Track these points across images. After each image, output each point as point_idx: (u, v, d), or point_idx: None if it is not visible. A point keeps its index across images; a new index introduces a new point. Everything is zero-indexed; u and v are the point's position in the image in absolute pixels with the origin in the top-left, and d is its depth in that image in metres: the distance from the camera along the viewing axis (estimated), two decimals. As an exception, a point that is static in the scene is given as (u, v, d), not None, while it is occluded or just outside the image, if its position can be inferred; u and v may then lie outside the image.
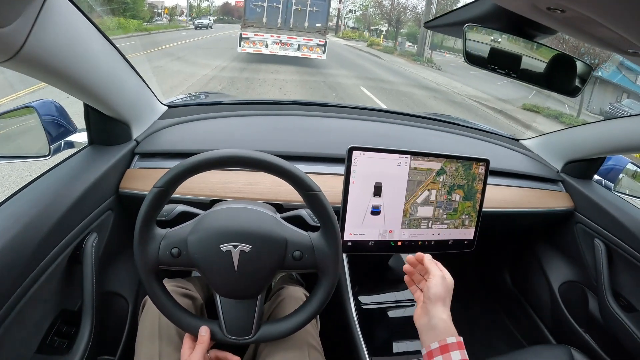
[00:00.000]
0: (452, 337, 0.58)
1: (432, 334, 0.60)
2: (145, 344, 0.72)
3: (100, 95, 0.81)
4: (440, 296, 0.62)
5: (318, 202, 0.64)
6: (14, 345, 0.65)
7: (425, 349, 0.60)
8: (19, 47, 0.52)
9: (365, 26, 39.76)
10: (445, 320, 0.61)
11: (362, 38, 34.79)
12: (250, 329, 0.67)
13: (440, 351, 0.57)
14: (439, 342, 0.58)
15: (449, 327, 0.60)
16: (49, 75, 0.65)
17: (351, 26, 43.09)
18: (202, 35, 20.22)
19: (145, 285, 0.66)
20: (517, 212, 1.14)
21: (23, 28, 0.52)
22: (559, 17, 0.44)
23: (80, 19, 0.68)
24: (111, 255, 0.95)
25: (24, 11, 0.50)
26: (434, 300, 0.62)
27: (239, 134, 1.13)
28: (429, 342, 0.59)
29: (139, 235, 0.64)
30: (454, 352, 0.57)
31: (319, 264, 0.66)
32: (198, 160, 0.62)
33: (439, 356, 0.57)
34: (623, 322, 1.04)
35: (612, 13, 0.38)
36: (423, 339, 0.61)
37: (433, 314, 0.61)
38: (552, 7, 0.42)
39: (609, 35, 0.46)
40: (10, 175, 2.91)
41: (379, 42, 28.16)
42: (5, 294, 0.61)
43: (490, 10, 0.55)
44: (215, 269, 0.64)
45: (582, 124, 1.23)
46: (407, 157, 0.85)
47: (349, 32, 39.19)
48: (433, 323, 0.60)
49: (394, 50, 23.78)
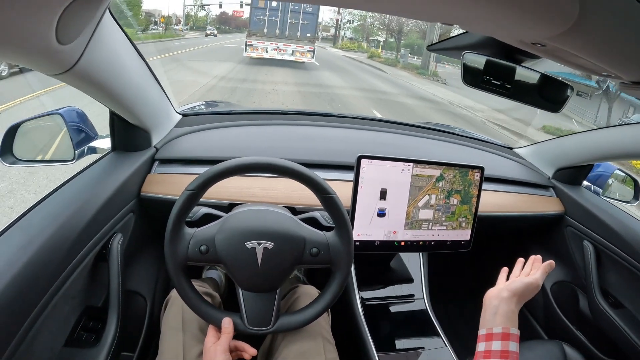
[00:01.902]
0: (515, 328, 0.62)
1: (498, 319, 0.63)
2: (169, 336, 0.77)
3: (130, 104, 0.86)
4: (523, 295, 0.67)
5: (334, 204, 0.71)
6: (47, 338, 0.69)
7: (486, 329, 0.63)
8: (74, 62, 0.58)
9: (363, 37, 39.03)
10: (515, 312, 0.64)
11: (361, 49, 33.99)
12: (270, 320, 0.73)
13: (502, 337, 0.61)
14: (502, 329, 0.62)
15: (515, 319, 0.64)
16: (93, 87, 0.70)
17: (349, 37, 42.66)
18: (197, 45, 19.86)
19: (174, 280, 0.71)
20: (510, 215, 1.20)
21: (80, 46, 0.57)
22: (542, 49, 0.52)
23: (121, 37, 0.73)
24: (131, 255, 0.99)
25: (83, 31, 0.56)
26: (516, 294, 0.66)
27: (252, 143, 1.19)
28: (492, 324, 0.63)
29: (171, 234, 0.69)
30: (513, 343, 0.61)
31: (334, 260, 0.73)
32: (227, 166, 0.68)
33: (498, 341, 0.61)
34: (611, 317, 1.10)
35: (582, 48, 0.46)
36: (486, 318, 0.64)
37: (507, 302, 0.64)
38: (534, 42, 0.50)
39: (585, 63, 0.54)
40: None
41: (379, 53, 27.36)
42: (43, 289, 0.65)
43: (485, 39, 0.63)
44: (240, 264, 0.70)
45: (571, 134, 1.29)
46: (410, 164, 0.93)
47: (347, 43, 38.60)
48: (503, 310, 0.63)
49: (396, 62, 23.19)
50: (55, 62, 0.55)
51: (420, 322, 1.01)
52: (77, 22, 0.52)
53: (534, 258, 0.77)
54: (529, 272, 0.73)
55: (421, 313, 1.03)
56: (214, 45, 21.29)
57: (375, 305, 1.02)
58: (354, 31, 42.53)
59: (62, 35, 0.50)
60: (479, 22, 0.47)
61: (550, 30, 0.42)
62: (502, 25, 0.46)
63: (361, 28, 39.27)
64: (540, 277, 0.70)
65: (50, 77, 0.60)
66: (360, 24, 39.09)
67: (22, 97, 4.98)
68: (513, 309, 0.64)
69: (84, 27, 0.55)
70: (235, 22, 42.69)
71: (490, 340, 0.61)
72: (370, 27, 36.53)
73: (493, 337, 0.61)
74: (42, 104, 4.93)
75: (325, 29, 44.34)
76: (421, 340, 0.96)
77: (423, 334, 0.98)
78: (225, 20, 44.78)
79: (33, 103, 4.96)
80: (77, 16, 0.51)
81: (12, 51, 0.48)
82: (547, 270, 0.71)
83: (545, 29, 0.42)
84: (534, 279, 0.69)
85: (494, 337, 0.61)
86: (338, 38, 40.26)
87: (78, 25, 0.53)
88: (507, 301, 0.65)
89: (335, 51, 30.54)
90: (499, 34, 0.52)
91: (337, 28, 40.92)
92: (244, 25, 17.99)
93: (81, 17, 0.52)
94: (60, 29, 0.48)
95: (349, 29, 42.91)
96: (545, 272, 0.71)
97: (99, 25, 0.60)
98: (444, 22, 0.48)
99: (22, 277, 0.60)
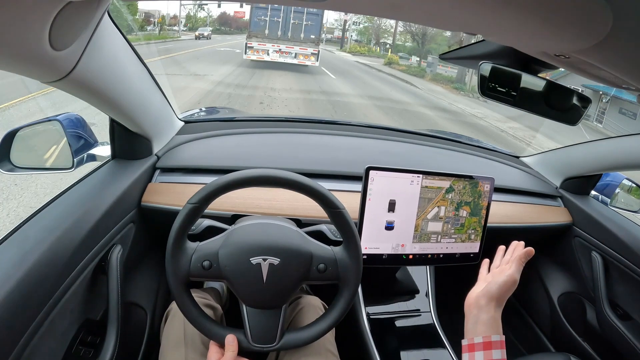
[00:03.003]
0: (496, 335, 0.60)
1: (480, 328, 0.61)
2: (171, 351, 0.75)
3: (130, 112, 0.84)
4: (501, 296, 0.63)
5: (343, 219, 0.69)
6: (45, 355, 0.67)
7: (467, 339, 0.61)
8: (70, 69, 0.56)
9: (373, 39, 36.03)
10: (496, 318, 0.62)
11: (372, 53, 31.07)
12: (274, 338, 0.70)
13: (483, 347, 0.59)
14: (483, 338, 0.59)
15: (497, 325, 0.61)
16: (91, 94, 0.68)
17: (354, 39, 39.65)
18: (183, 49, 16.72)
19: (175, 295, 0.69)
20: (518, 227, 1.18)
21: (76, 52, 0.55)
22: (565, 61, 0.50)
23: (121, 42, 0.71)
24: (131, 266, 0.97)
25: (79, 37, 0.54)
26: (493, 298, 0.63)
27: (256, 151, 1.17)
28: (473, 334, 0.61)
29: (172, 249, 0.67)
30: (496, 351, 0.59)
31: (341, 276, 0.70)
32: (232, 179, 0.66)
33: (480, 351, 0.59)
34: (620, 330, 1.08)
35: (609, 61, 0.44)
36: (468, 327, 0.62)
37: (486, 309, 0.62)
38: (559, 54, 0.48)
39: (606, 75, 0.52)
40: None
41: (397, 59, 23.86)
42: (40, 304, 0.63)
43: (502, 48, 0.61)
44: (244, 280, 0.68)
45: (578, 143, 1.28)
46: (419, 176, 0.91)
47: (356, 46, 35.29)
48: (483, 318, 0.61)
49: (421, 72, 19.25)
50: (50, 69, 0.53)
51: (427, 336, 0.99)
52: (72, 27, 0.50)
53: (515, 244, 0.74)
54: (509, 259, 0.70)
55: (428, 327, 1.01)
56: (206, 49, 18.38)
57: (381, 320, 1.00)
58: (359, 33, 39.51)
59: (56, 41, 0.48)
60: (504, 33, 0.45)
61: (579, 43, 0.40)
62: (528, 36, 0.44)
63: (370, 29, 36.28)
64: (516, 270, 0.66)
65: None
66: (366, 26, 36.21)
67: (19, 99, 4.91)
68: (493, 315, 0.62)
69: (80, 32, 0.53)
70: (237, 23, 41.60)
71: (473, 350, 0.59)
72: (377, 29, 33.88)
73: (475, 347, 0.59)
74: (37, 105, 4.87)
75: (329, 30, 42.38)
76: (428, 354, 0.94)
77: (430, 347, 0.96)
78: (225, 21, 43.50)
79: (30, 105, 4.90)
80: (71, 21, 0.48)
81: (2, 59, 0.46)
82: (522, 262, 0.67)
83: (575, 42, 0.40)
84: (508, 276, 0.64)
85: (475, 348, 0.59)
86: (346, 41, 37.00)
87: (73, 30, 0.51)
88: (486, 308, 0.62)
89: (343, 55, 27.51)
90: (522, 45, 0.50)
91: (344, 30, 37.80)
92: (246, 26, 16.90)
93: (76, 22, 0.50)
94: (54, 35, 0.46)
95: (354, 30, 40.01)
96: (521, 264, 0.67)
97: (97, 30, 0.58)
98: (467, 31, 0.46)
99: (17, 293, 0.58)
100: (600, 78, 0.57)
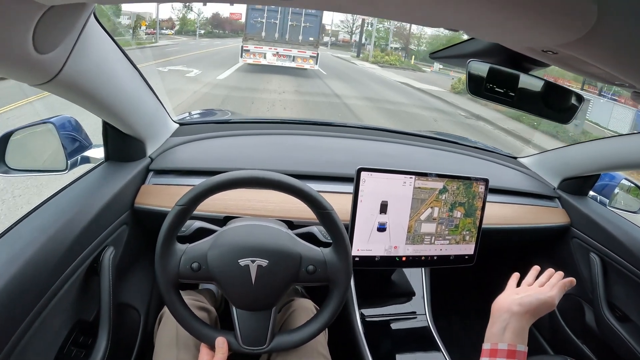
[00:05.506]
0: (522, 345, 0.59)
1: (507, 334, 0.59)
2: (163, 352, 0.75)
3: (122, 114, 0.84)
4: (536, 312, 0.62)
5: (331, 221, 0.68)
6: (36, 355, 0.67)
7: (490, 344, 0.60)
8: (57, 72, 0.56)
9: (400, 44, 27.30)
10: (525, 329, 0.60)
11: (405, 64, 22.90)
12: (265, 340, 0.70)
13: (507, 355, 0.57)
14: (508, 345, 0.58)
15: (524, 337, 0.60)
16: (80, 97, 0.68)
17: (363, 43, 29.93)
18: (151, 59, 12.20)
19: (165, 298, 0.68)
20: (515, 228, 1.17)
21: (62, 55, 0.55)
22: (552, 56, 0.49)
23: (109, 44, 0.71)
24: (124, 268, 0.97)
25: (64, 40, 0.54)
26: (529, 310, 0.61)
27: (250, 153, 1.17)
28: (498, 339, 0.59)
29: (161, 250, 0.67)
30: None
31: (331, 277, 0.70)
32: (219, 181, 0.66)
33: (503, 358, 0.57)
34: (618, 332, 1.07)
35: (598, 55, 0.43)
36: (493, 331, 0.61)
37: (519, 317, 0.60)
38: (545, 50, 0.47)
39: (597, 71, 0.51)
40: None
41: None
42: (30, 304, 0.63)
43: (491, 46, 0.60)
44: (233, 282, 0.67)
45: (576, 143, 1.28)
46: (411, 177, 0.90)
47: (387, 55, 24.64)
48: (513, 325, 0.60)
49: None
50: (36, 72, 0.53)
51: (422, 339, 0.98)
52: (56, 31, 0.50)
53: (551, 272, 0.71)
54: (543, 282, 0.68)
55: (423, 330, 1.00)
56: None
57: (376, 322, 0.99)
58: (367, 36, 29.04)
59: (41, 45, 0.48)
60: (486, 28, 0.44)
61: (564, 36, 0.39)
62: (510, 31, 0.43)
63: (388, 32, 27.24)
64: (557, 295, 0.64)
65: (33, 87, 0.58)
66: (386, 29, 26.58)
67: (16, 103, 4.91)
68: (524, 326, 0.60)
69: (64, 36, 0.53)
70: (232, 26, 37.64)
71: (495, 356, 0.58)
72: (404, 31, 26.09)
73: (498, 353, 0.58)
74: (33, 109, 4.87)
75: (334, 33, 37.43)
76: (423, 357, 0.93)
77: (425, 351, 0.95)
78: (219, 22, 38.89)
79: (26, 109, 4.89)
80: (55, 25, 0.49)
81: None
82: (565, 288, 0.66)
83: (559, 36, 0.39)
84: (549, 297, 0.63)
85: (498, 354, 0.58)
86: (365, 47, 27.41)
87: (57, 34, 0.51)
88: (519, 317, 0.60)
89: (367, 67, 19.17)
90: (507, 40, 0.49)
91: (362, 32, 28.61)
92: (241, 29, 16.15)
93: (60, 26, 0.50)
94: (38, 39, 0.46)
95: (369, 33, 28.35)
96: (564, 290, 0.66)
97: (83, 32, 0.58)
98: (449, 27, 0.46)
99: (7, 292, 0.58)
100: (593, 75, 0.56)
